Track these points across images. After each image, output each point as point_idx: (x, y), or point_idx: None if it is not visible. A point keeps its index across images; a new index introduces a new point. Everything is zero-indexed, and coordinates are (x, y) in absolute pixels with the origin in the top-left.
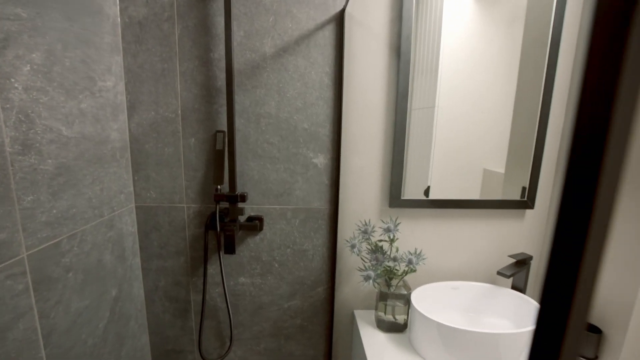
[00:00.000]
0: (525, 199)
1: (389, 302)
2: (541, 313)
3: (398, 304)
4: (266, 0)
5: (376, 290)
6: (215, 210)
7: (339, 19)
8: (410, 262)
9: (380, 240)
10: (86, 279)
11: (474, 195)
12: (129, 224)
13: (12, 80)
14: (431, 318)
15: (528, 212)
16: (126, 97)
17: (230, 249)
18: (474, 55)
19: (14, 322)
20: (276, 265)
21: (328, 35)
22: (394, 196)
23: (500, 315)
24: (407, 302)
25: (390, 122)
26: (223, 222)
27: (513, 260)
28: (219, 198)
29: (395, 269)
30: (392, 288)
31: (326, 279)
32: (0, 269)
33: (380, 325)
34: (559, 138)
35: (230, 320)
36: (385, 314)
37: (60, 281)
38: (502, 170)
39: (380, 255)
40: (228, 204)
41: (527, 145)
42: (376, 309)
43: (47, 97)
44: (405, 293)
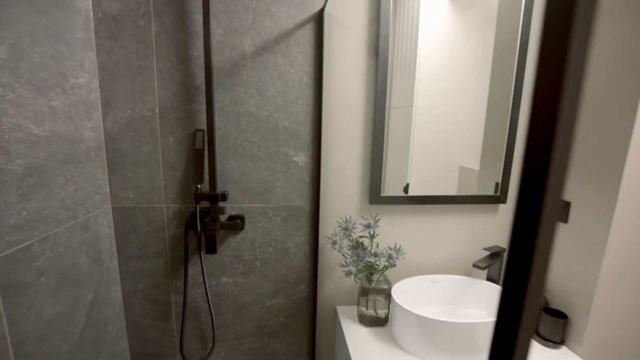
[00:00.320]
0: (498, 194)
1: (370, 297)
2: (504, 289)
3: (379, 298)
4: None
5: (357, 285)
6: (196, 210)
7: (319, 18)
8: (390, 257)
9: (361, 237)
10: (60, 283)
11: (451, 191)
12: (105, 226)
13: None
14: (411, 311)
15: (501, 207)
16: (101, 95)
17: (211, 249)
18: (450, 57)
19: None
20: (258, 263)
21: (307, 34)
22: (374, 193)
23: (476, 306)
24: (388, 297)
25: (370, 121)
26: (204, 222)
27: (487, 253)
28: (199, 197)
29: (376, 264)
30: (373, 283)
31: (308, 276)
32: None
33: (362, 320)
34: None
35: (212, 320)
36: (366, 308)
37: (32, 286)
38: (477, 167)
39: (361, 251)
40: (208, 203)
41: (500, 143)
42: (358, 304)
43: (15, 94)
44: (386, 288)
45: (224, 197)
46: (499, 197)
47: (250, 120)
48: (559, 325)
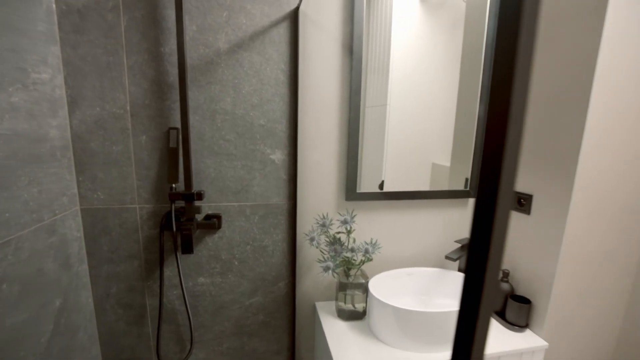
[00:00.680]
0: (468, 189)
1: (348, 292)
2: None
3: (357, 292)
4: None
5: (335, 280)
6: (171, 210)
7: (294, 17)
8: (367, 252)
9: (338, 233)
10: (24, 290)
11: (424, 187)
12: (73, 229)
13: None
14: (387, 303)
15: (471, 201)
16: (66, 92)
17: (187, 249)
18: (422, 57)
19: None
20: (236, 262)
21: (283, 33)
22: (350, 190)
23: (449, 296)
24: (365, 291)
25: (345, 119)
26: (179, 222)
27: (459, 245)
28: (174, 197)
29: (353, 259)
30: (351, 278)
31: (287, 273)
32: None
33: (341, 314)
34: None
35: (190, 322)
36: (345, 303)
37: None
38: (448, 163)
39: (338, 247)
40: (184, 202)
41: (469, 141)
42: (336, 299)
43: None
44: (363, 282)
45: (200, 196)
46: (468, 192)
47: (225, 118)
48: (523, 310)
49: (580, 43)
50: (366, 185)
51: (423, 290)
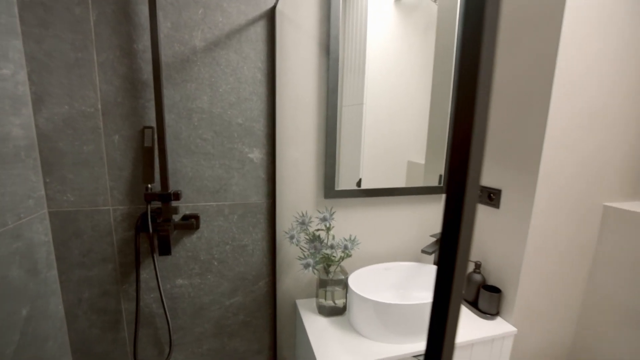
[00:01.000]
0: (442, 185)
1: (329, 288)
2: (440, 258)
3: (337, 289)
4: None
5: (316, 277)
6: (147, 211)
7: (270, 16)
8: (346, 248)
9: (318, 230)
10: None
11: (400, 184)
12: (41, 233)
13: None
14: (367, 297)
15: (444, 197)
16: (30, 89)
17: (165, 250)
18: (397, 58)
19: None
20: (215, 263)
21: (260, 31)
22: (329, 187)
23: (426, 289)
24: (345, 286)
25: (322, 117)
26: (156, 223)
27: (434, 239)
28: (150, 197)
29: (333, 256)
30: (331, 274)
31: (267, 272)
32: None
33: (322, 310)
34: None
35: (168, 325)
36: (325, 299)
37: None
38: (423, 161)
39: (318, 244)
40: (160, 203)
41: (442, 139)
42: (317, 296)
43: None
44: (343, 278)
45: (177, 197)
46: (442, 188)
47: (202, 117)
48: (494, 299)
49: (540, 48)
50: (344, 183)
51: (401, 284)
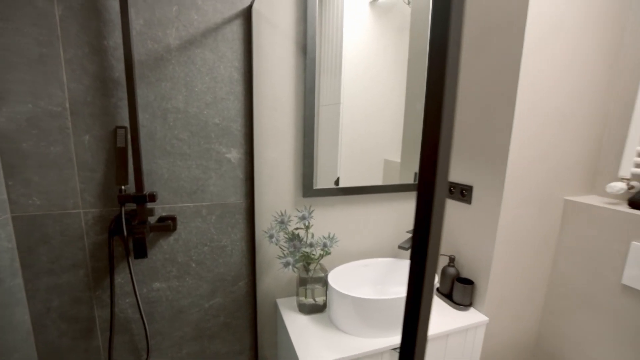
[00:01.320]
0: (417, 182)
1: (309, 286)
2: (413, 249)
3: (317, 286)
4: None
5: (296, 274)
6: (121, 213)
7: (247, 15)
8: (325, 246)
9: (297, 229)
10: None
11: (377, 182)
12: (3, 239)
13: None
14: (346, 294)
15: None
16: None
17: (141, 253)
18: (372, 59)
19: None
20: (194, 265)
21: (236, 30)
22: (307, 186)
23: (403, 283)
24: (325, 284)
25: (300, 117)
26: (130, 225)
27: (410, 235)
28: (124, 199)
29: (312, 254)
30: (311, 272)
31: (247, 272)
32: None
33: (302, 308)
34: None
35: (145, 330)
36: (305, 297)
37: None
38: (399, 159)
39: (297, 242)
40: (135, 205)
41: (416, 137)
42: (297, 294)
43: None
44: (322, 275)
45: (152, 198)
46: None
47: (178, 116)
48: (467, 290)
49: (506, 52)
50: (322, 182)
51: (379, 280)
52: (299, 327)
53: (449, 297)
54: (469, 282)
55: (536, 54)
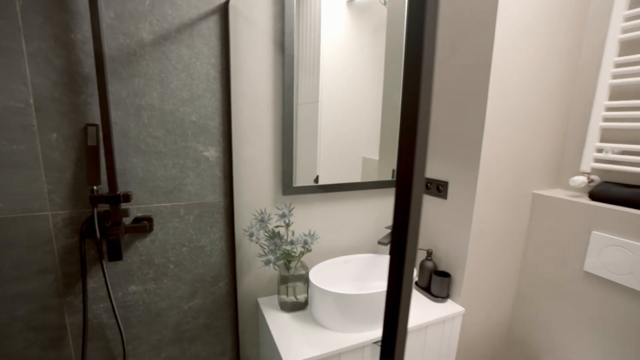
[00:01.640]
0: (395, 179)
1: (290, 284)
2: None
3: (298, 284)
4: None
5: (277, 272)
6: (93, 215)
7: (224, 11)
8: (306, 243)
9: (277, 227)
10: None
11: (356, 179)
12: None
13: None
14: (327, 290)
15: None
16: None
17: (115, 256)
18: (350, 58)
19: None
20: (171, 266)
21: (213, 26)
22: (287, 184)
23: (383, 278)
24: (306, 281)
25: (279, 115)
26: (104, 227)
27: (389, 230)
28: (96, 200)
29: (293, 252)
30: (292, 270)
31: (227, 272)
32: None
33: (284, 306)
34: None
35: (121, 336)
36: (287, 295)
37: None
38: (377, 157)
39: (278, 240)
40: (108, 206)
41: (394, 135)
42: (278, 292)
43: None
44: (303, 273)
45: (127, 198)
46: (395, 182)
47: (153, 114)
48: (445, 283)
49: (478, 52)
50: (302, 180)
51: (359, 276)
52: (280, 325)
53: (427, 290)
54: (446, 275)
55: (505, 56)
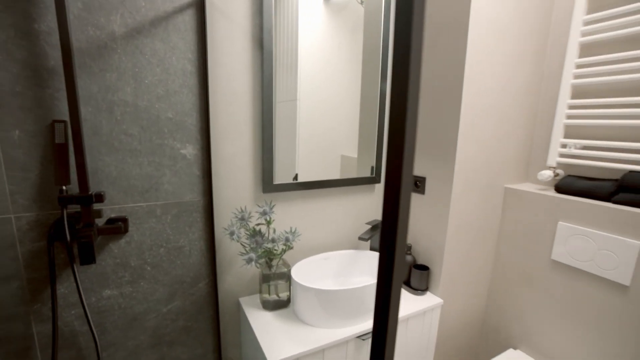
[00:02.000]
0: (374, 175)
1: (272, 283)
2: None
3: (280, 282)
4: None
5: (259, 271)
6: (62, 216)
7: (200, 5)
8: (287, 240)
9: (258, 224)
10: None
11: (335, 177)
12: None
13: None
14: (309, 286)
15: (377, 186)
16: None
17: (88, 259)
18: (327, 56)
19: None
20: (148, 268)
21: (189, 20)
22: (267, 182)
23: (364, 273)
24: (288, 279)
25: (258, 111)
26: (74, 229)
27: (369, 226)
28: (65, 201)
29: (275, 249)
30: (273, 268)
31: (207, 272)
32: None
33: (266, 305)
34: None
35: (96, 343)
36: (269, 294)
37: None
38: (355, 155)
39: (259, 238)
40: (80, 207)
41: (372, 133)
42: (260, 291)
43: None
44: (285, 270)
45: (99, 198)
46: (374, 178)
47: (126, 110)
48: (424, 276)
49: (453, 51)
50: (281, 178)
51: (341, 271)
52: (263, 324)
53: (407, 284)
54: (424, 268)
55: (477, 55)
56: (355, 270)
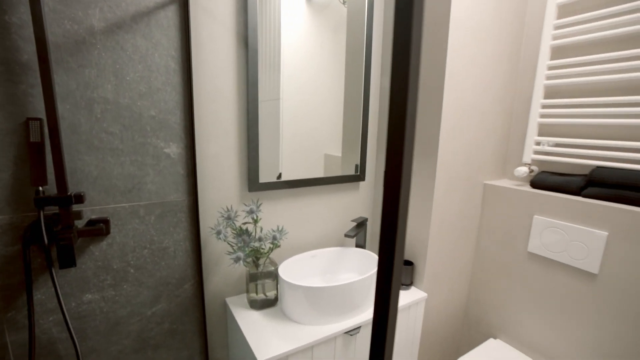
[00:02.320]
0: (358, 173)
1: (259, 282)
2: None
3: (267, 281)
4: None
5: (246, 269)
6: (39, 218)
7: (183, 1)
8: (274, 238)
9: (245, 223)
10: None
11: (319, 175)
12: None
13: None
14: (297, 284)
15: (361, 184)
16: None
17: (68, 262)
18: (310, 56)
19: None
20: (132, 270)
21: (172, 17)
22: (253, 180)
23: (350, 270)
24: (275, 278)
25: (243, 110)
26: (52, 232)
27: (354, 224)
28: (43, 202)
29: (262, 248)
30: (261, 267)
31: (192, 273)
32: None
33: (253, 305)
34: (377, 125)
35: (76, 350)
36: (256, 293)
37: None
38: (339, 154)
39: (246, 237)
40: (58, 208)
41: (356, 132)
42: (247, 291)
43: None
44: (272, 269)
45: (79, 199)
46: (359, 176)
47: (107, 108)
48: (409, 271)
49: (436, 51)
50: (265, 176)
51: (328, 269)
52: (251, 323)
53: None
54: (409, 264)
55: (457, 54)
56: (342, 267)
